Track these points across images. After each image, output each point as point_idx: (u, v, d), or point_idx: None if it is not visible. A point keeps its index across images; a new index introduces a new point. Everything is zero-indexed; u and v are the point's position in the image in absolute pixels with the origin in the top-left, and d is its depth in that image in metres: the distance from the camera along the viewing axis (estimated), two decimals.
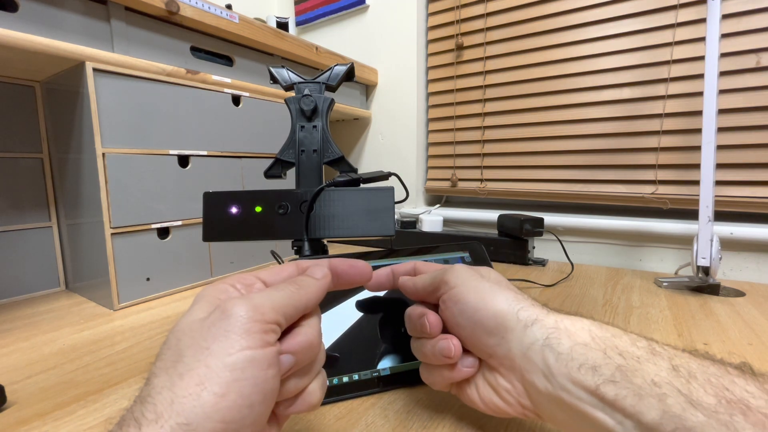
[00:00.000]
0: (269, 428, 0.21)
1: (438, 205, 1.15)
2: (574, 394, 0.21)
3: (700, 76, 0.65)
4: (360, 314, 0.37)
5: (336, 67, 0.49)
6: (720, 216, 0.77)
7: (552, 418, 0.24)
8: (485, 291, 0.27)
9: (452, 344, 0.27)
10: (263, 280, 0.24)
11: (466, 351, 0.27)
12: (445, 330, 0.28)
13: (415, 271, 0.33)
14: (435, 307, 0.29)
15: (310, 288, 0.24)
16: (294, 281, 0.24)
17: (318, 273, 0.25)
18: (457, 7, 1.02)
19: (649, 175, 0.83)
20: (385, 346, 0.37)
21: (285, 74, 0.49)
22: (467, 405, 0.28)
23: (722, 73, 0.69)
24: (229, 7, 0.77)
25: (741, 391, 0.18)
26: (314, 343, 0.23)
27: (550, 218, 0.89)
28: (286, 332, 0.22)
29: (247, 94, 0.78)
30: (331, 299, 0.37)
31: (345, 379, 0.35)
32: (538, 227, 0.80)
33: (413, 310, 0.30)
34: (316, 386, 0.23)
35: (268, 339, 0.20)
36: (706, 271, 0.62)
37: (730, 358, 0.41)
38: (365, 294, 0.38)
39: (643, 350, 0.21)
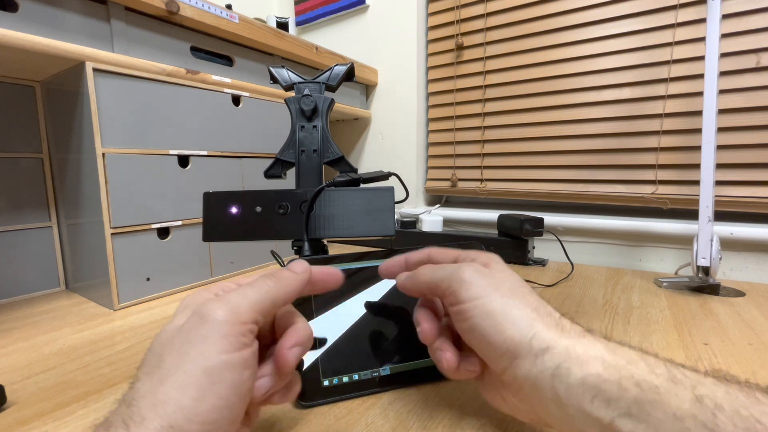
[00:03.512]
0: (242, 428, 0.23)
1: (438, 205, 1.15)
2: (587, 424, 0.20)
3: (700, 76, 0.64)
4: (360, 314, 0.37)
5: (336, 67, 0.49)
6: (720, 216, 0.77)
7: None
8: (498, 314, 0.24)
9: (444, 359, 0.27)
10: (241, 285, 0.25)
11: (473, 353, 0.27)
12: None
13: (429, 259, 0.32)
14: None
15: (289, 281, 0.24)
16: (272, 275, 0.24)
17: (298, 268, 0.26)
18: (457, 7, 1.02)
19: (649, 175, 0.83)
20: (386, 347, 0.37)
21: (285, 74, 0.49)
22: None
23: (722, 73, 0.69)
24: (229, 7, 0.77)
25: None
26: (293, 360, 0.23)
27: (550, 218, 0.89)
28: (269, 344, 0.24)
29: (247, 94, 0.78)
30: (332, 299, 0.37)
31: (345, 379, 0.35)
32: (538, 227, 0.80)
33: (415, 313, 0.30)
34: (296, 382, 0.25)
35: (245, 341, 0.20)
36: (706, 271, 0.62)
37: (730, 357, 0.41)
38: (376, 295, 0.38)
39: (662, 378, 0.19)
